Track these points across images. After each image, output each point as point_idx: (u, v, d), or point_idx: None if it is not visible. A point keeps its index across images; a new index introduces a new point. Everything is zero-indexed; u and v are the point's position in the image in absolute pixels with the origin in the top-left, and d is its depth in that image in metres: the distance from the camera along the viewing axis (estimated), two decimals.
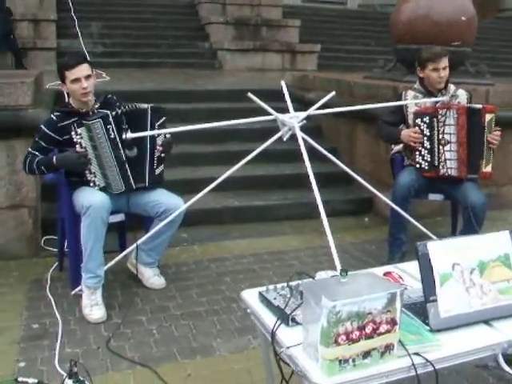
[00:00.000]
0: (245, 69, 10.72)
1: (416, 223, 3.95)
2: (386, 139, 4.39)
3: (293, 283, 2.04)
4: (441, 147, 3.90)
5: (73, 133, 3.35)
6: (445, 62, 3.93)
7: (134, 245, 3.61)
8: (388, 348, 1.66)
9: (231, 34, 11.36)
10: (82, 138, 3.35)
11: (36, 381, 2.67)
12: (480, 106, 3.88)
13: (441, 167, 3.93)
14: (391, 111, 4.21)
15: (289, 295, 1.94)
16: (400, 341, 1.71)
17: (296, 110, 3.53)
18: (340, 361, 1.59)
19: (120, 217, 3.67)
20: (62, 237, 3.92)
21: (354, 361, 1.61)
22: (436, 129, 3.90)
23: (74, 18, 10.70)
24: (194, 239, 4.73)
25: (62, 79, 3.43)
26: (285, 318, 1.87)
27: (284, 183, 5.70)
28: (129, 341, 3.10)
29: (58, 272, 3.97)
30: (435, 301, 1.85)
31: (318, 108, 3.60)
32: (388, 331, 1.64)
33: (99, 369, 2.82)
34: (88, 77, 3.40)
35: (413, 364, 1.67)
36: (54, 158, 3.37)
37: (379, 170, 5.27)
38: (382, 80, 5.88)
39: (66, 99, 3.85)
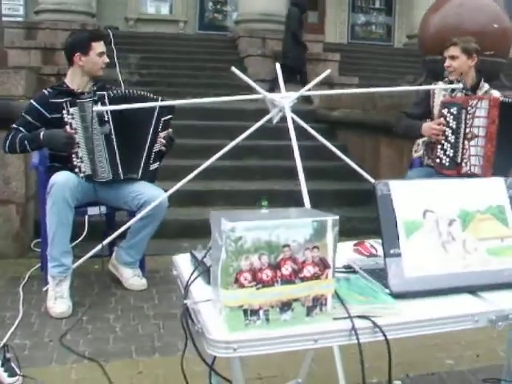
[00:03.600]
0: None
1: None
2: (405, 132, 3.92)
3: None
4: (466, 142, 3.47)
5: (64, 111, 3.13)
6: (453, 51, 3.59)
7: (100, 245, 3.28)
8: (318, 302, 1.23)
9: (269, 67, 11.21)
10: (73, 118, 3.14)
11: None
12: None
13: (463, 164, 3.47)
14: (415, 103, 3.85)
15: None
16: (339, 297, 1.29)
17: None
18: (245, 311, 1.18)
19: (97, 209, 3.33)
20: (45, 236, 3.63)
21: (266, 314, 1.19)
22: (463, 121, 3.47)
23: (114, 49, 10.82)
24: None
25: (86, 51, 3.24)
26: (205, 270, 1.47)
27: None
28: (86, 336, 2.78)
29: (40, 272, 3.67)
30: (398, 255, 1.41)
31: (314, 89, 3.22)
32: (316, 276, 1.22)
33: (42, 360, 2.53)
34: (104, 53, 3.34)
35: (353, 328, 1.23)
36: (42, 133, 3.15)
37: None
38: None
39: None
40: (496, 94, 3.64)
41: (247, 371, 1.50)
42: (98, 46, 3.28)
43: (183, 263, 1.67)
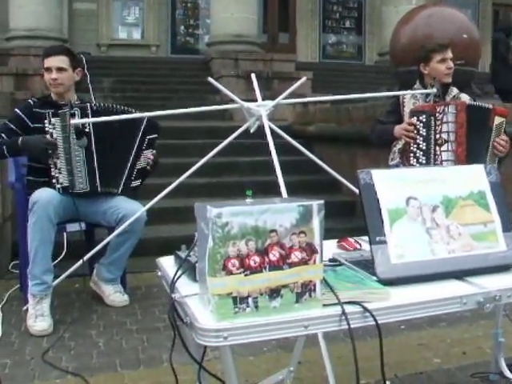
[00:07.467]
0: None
1: None
2: (379, 139, 3.93)
3: None
4: (437, 148, 3.49)
5: (46, 121, 3.12)
6: (450, 53, 3.59)
7: (80, 261, 3.21)
8: (307, 288, 1.22)
9: (242, 87, 11.28)
10: (54, 128, 3.11)
11: None
12: (490, 105, 3.49)
13: None
14: (387, 111, 3.86)
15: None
16: (328, 284, 1.28)
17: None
18: (235, 298, 1.17)
19: (77, 226, 3.29)
20: (24, 255, 3.55)
21: (255, 301, 1.18)
22: (433, 128, 3.49)
23: (87, 73, 10.81)
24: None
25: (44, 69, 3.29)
26: (190, 267, 1.46)
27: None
28: (69, 352, 2.71)
29: (19, 293, 3.58)
30: (384, 242, 1.41)
31: (290, 97, 3.23)
32: (304, 262, 1.21)
33: (24, 378, 2.45)
34: (60, 69, 3.25)
35: (343, 313, 1.23)
36: (21, 138, 3.13)
37: None
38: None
39: None
40: (465, 97, 3.69)
41: None
42: (46, 63, 3.26)
43: (167, 264, 1.66)
